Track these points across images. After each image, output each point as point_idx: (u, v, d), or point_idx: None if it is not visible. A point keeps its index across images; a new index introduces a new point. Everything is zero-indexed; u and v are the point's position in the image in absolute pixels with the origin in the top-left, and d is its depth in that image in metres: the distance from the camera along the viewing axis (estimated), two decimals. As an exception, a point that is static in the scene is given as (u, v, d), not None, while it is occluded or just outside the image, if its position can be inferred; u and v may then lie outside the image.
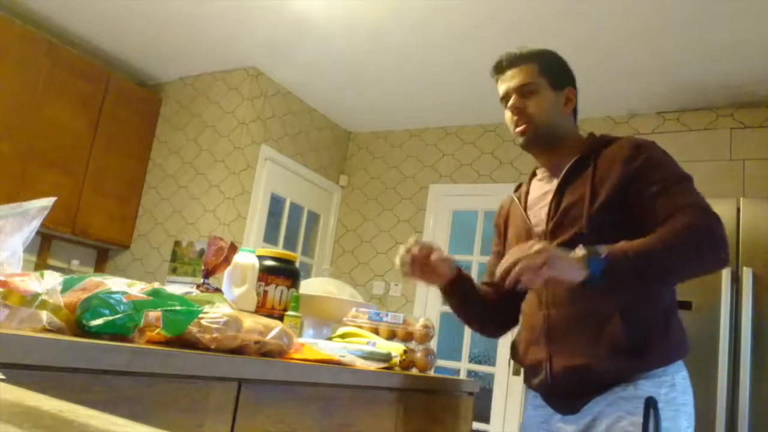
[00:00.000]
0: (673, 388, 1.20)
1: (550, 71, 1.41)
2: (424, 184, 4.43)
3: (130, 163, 4.03)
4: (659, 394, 1.17)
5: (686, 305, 2.65)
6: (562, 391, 1.28)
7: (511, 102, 1.38)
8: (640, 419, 1.15)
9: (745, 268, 2.56)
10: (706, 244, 1.14)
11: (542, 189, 1.43)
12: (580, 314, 1.25)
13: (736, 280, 2.57)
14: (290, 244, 4.35)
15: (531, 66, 1.40)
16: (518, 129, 1.38)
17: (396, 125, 4.61)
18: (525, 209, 1.43)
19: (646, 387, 1.18)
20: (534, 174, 1.51)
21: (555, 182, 1.38)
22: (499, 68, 1.43)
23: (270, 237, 4.15)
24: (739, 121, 3.51)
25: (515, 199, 1.50)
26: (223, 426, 0.94)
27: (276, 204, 4.21)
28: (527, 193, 1.47)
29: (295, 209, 4.40)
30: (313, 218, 4.61)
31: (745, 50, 2.98)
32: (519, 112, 1.37)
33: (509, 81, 1.40)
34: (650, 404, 1.16)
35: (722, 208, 2.71)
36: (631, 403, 1.17)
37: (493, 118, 4.20)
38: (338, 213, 4.73)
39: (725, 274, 2.57)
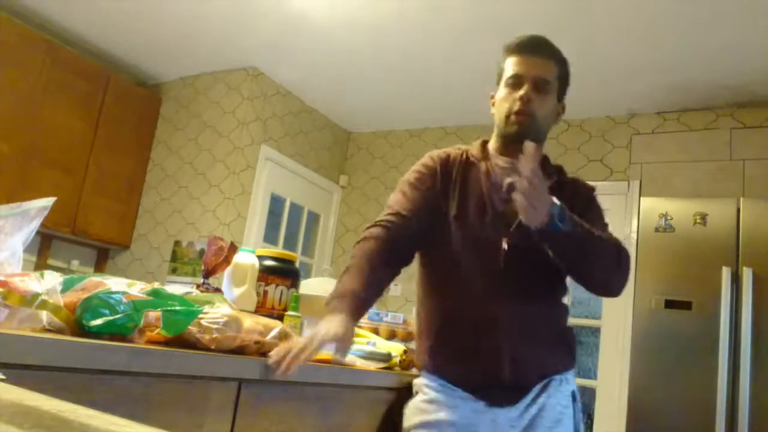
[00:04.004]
0: (575, 384, 1.38)
1: (562, 80, 1.41)
2: (424, 184, 4.42)
3: (130, 163, 4.03)
4: (575, 388, 1.37)
5: (686, 305, 2.65)
6: (514, 382, 1.30)
7: (524, 90, 1.34)
8: (570, 411, 1.33)
9: (745, 268, 2.56)
10: (624, 261, 1.30)
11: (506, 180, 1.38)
12: (533, 309, 1.34)
13: (736, 280, 2.57)
14: (290, 244, 4.35)
15: (554, 65, 1.38)
16: (518, 117, 1.35)
17: (396, 125, 4.61)
18: (489, 189, 1.38)
19: (570, 382, 1.36)
20: (486, 150, 1.46)
21: None
22: (527, 49, 1.38)
23: (270, 237, 4.15)
24: (739, 121, 3.51)
25: (479, 167, 1.42)
26: (223, 426, 0.94)
27: (276, 204, 4.21)
28: (488, 171, 1.41)
29: (295, 209, 4.40)
30: (313, 218, 4.61)
31: (745, 50, 2.98)
32: (528, 102, 1.34)
33: (532, 68, 1.36)
34: (574, 398, 1.35)
35: (722, 208, 2.71)
36: (564, 395, 1.33)
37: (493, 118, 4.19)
38: (338, 213, 4.73)
39: (725, 274, 2.57)
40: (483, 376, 1.32)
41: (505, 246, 1.31)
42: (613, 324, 3.55)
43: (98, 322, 0.80)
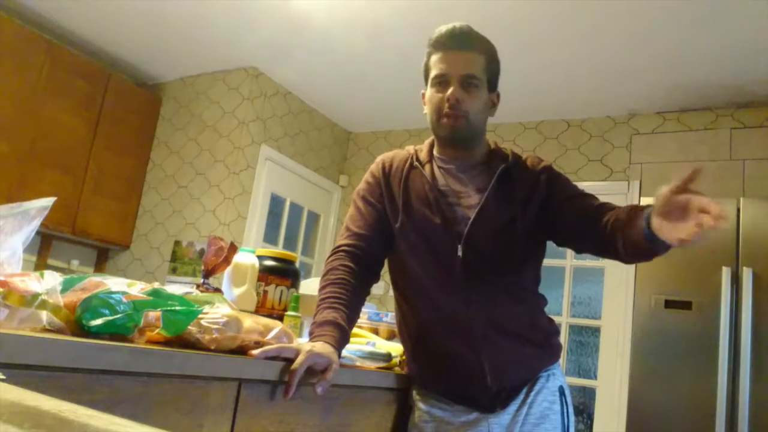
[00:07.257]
0: (562, 378, 1.39)
1: (491, 70, 1.34)
2: (424, 184, 4.42)
3: (130, 163, 4.03)
4: (563, 382, 1.37)
5: (686, 305, 2.65)
6: (500, 388, 1.29)
7: (452, 90, 1.28)
8: (558, 406, 1.32)
9: (745, 268, 2.56)
10: None
11: (454, 183, 1.35)
12: (504, 311, 1.30)
13: (736, 280, 2.57)
14: (290, 244, 4.35)
15: (480, 57, 1.32)
16: (449, 120, 1.30)
17: (396, 125, 4.61)
18: (436, 195, 1.32)
19: (557, 376, 1.36)
20: (431, 157, 1.40)
21: (470, 183, 1.34)
22: (450, 44, 1.32)
23: (270, 237, 4.15)
24: (739, 121, 3.51)
25: (423, 173, 1.35)
26: (223, 426, 0.94)
27: (276, 204, 4.21)
28: (433, 176, 1.36)
29: (295, 209, 4.40)
30: (313, 218, 4.61)
31: (745, 50, 2.98)
32: (458, 103, 1.28)
33: (458, 65, 1.29)
34: (562, 392, 1.35)
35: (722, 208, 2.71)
36: (551, 391, 1.33)
37: (492, 119, 4.19)
38: (338, 213, 4.72)
39: (725, 274, 2.57)
40: (467, 386, 1.31)
41: (460, 254, 1.27)
42: (613, 324, 3.56)
43: (98, 322, 0.80)
